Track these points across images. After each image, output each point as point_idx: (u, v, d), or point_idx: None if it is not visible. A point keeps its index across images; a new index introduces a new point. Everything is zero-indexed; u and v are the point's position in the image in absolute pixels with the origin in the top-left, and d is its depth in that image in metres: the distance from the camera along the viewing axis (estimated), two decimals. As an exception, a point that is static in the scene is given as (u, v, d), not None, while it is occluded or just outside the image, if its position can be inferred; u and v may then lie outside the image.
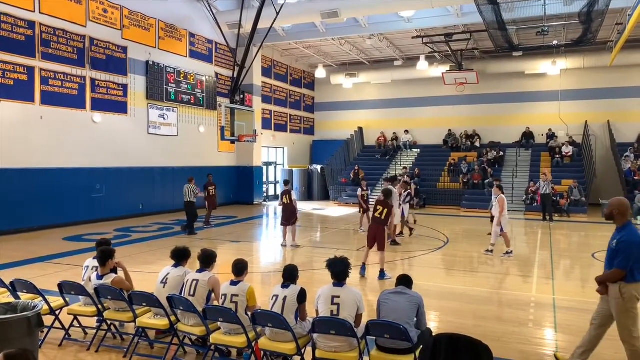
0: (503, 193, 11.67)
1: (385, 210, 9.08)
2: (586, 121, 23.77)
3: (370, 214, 11.62)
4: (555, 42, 21.08)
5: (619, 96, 23.66)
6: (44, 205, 14.42)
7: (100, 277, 5.57)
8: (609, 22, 18.52)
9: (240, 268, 5.22)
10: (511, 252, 11.19)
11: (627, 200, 4.92)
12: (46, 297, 5.68)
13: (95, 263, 5.84)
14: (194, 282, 5.28)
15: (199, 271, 5.42)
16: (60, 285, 5.77)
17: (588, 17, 15.83)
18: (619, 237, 4.67)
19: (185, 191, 14.28)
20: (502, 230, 11.21)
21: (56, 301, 5.79)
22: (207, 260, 5.49)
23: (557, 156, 23.07)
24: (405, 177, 17.51)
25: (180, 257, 5.76)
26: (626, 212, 4.73)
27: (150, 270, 9.18)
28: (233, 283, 5.10)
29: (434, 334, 4.81)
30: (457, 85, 23.27)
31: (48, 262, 10.26)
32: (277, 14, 17.32)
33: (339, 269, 4.84)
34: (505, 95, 25.80)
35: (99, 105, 16.26)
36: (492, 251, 11.34)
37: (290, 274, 5.00)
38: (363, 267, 9.29)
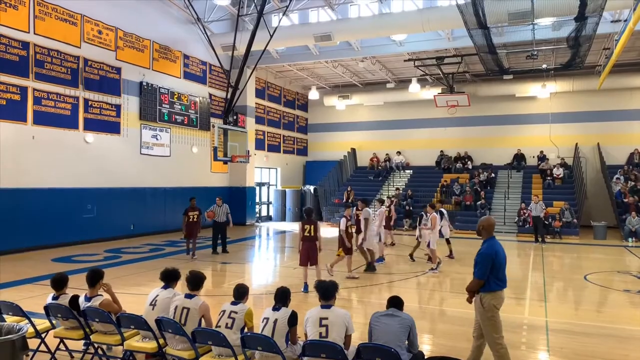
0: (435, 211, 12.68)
1: (312, 226, 9.65)
2: (576, 143, 24.03)
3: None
4: (544, 66, 21.41)
5: (608, 119, 24.00)
6: (33, 225, 14.27)
7: (88, 299, 5.48)
8: (596, 46, 18.88)
9: (241, 292, 5.25)
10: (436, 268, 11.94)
11: (494, 220, 5.49)
12: (32, 319, 5.57)
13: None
14: (185, 311, 5.15)
15: (188, 296, 5.27)
16: (46, 308, 5.66)
17: (576, 42, 16.12)
18: (479, 250, 5.27)
19: (222, 211, 14.27)
20: (429, 245, 12.10)
21: (42, 324, 5.68)
22: (197, 282, 5.41)
23: (549, 178, 23.23)
24: (387, 199, 16.96)
25: (169, 278, 5.67)
26: (490, 229, 5.35)
27: (140, 292, 9.06)
28: (234, 303, 5.14)
29: (425, 357, 4.78)
30: (449, 107, 23.52)
31: (36, 283, 10.11)
32: (271, 36, 17.54)
33: (323, 286, 4.90)
34: (496, 117, 26.09)
35: (92, 125, 16.25)
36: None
37: (281, 297, 4.98)
38: (305, 286, 9.58)
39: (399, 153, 27.78)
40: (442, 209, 14.30)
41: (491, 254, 5.16)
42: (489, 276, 5.13)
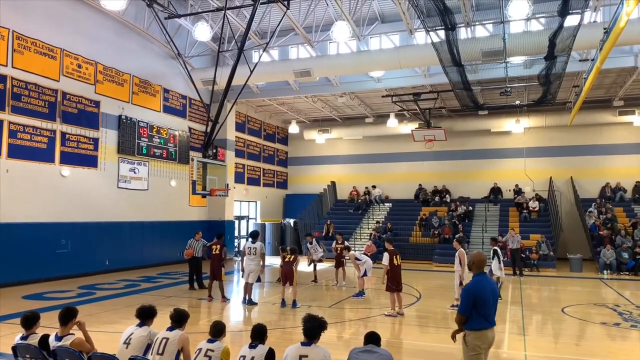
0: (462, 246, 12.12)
1: (293, 256, 11.67)
2: (551, 177, 24.58)
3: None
4: (517, 102, 22.08)
5: (580, 154, 24.71)
6: (4, 261, 13.82)
7: (59, 339, 5.30)
8: (566, 84, 19.59)
9: (218, 329, 5.16)
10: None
11: (484, 256, 5.41)
12: (-1, 360, 5.36)
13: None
14: (164, 341, 5.14)
15: (170, 329, 5.28)
16: (14, 348, 5.45)
17: (547, 80, 16.75)
18: (466, 285, 5.34)
19: (199, 246, 14.39)
20: (460, 283, 11.24)
21: (10, 365, 5.46)
22: (180, 319, 5.40)
23: (525, 211, 23.60)
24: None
25: (145, 316, 5.56)
26: (480, 264, 5.28)
27: (114, 329, 8.80)
28: (210, 341, 5.04)
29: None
30: (426, 142, 23.95)
31: (4, 322, 9.74)
32: (251, 72, 17.73)
33: (309, 325, 4.74)
34: (472, 151, 26.61)
35: (68, 159, 16.05)
36: (457, 306, 11.42)
37: (258, 334, 4.90)
38: (283, 302, 11.66)
39: (374, 187, 27.91)
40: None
41: (474, 291, 5.08)
42: (472, 313, 5.00)
